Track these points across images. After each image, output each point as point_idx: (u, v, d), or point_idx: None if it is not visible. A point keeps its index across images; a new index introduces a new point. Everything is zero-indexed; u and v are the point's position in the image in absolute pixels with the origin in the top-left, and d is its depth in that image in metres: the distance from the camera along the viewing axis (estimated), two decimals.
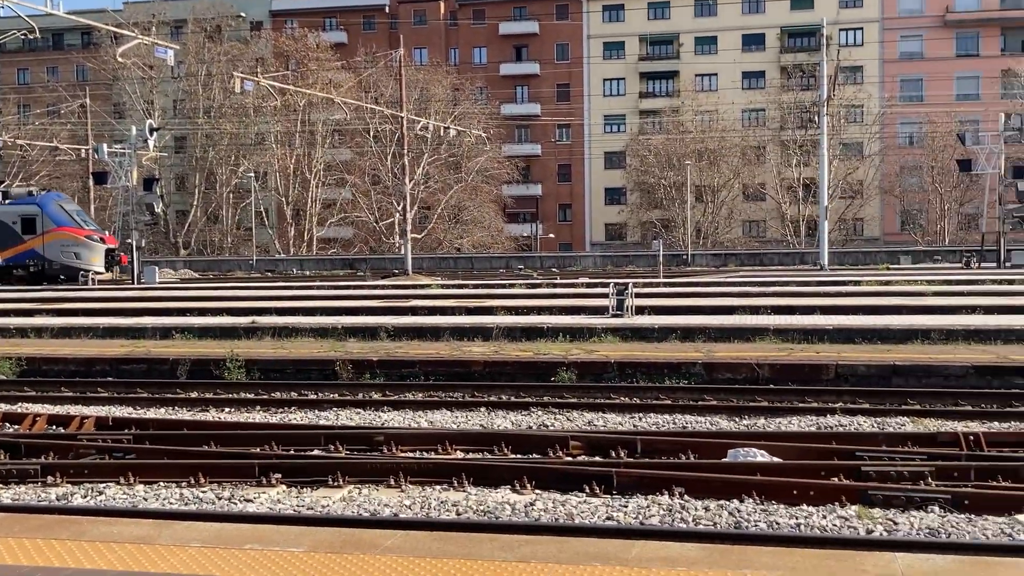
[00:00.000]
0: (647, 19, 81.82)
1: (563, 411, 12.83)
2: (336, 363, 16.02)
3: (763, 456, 9.34)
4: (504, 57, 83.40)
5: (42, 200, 43.97)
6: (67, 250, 42.80)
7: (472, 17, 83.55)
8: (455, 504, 8.37)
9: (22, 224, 42.92)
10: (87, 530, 6.31)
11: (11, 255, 42.94)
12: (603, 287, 25.11)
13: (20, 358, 17.34)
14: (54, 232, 42.70)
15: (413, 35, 79.50)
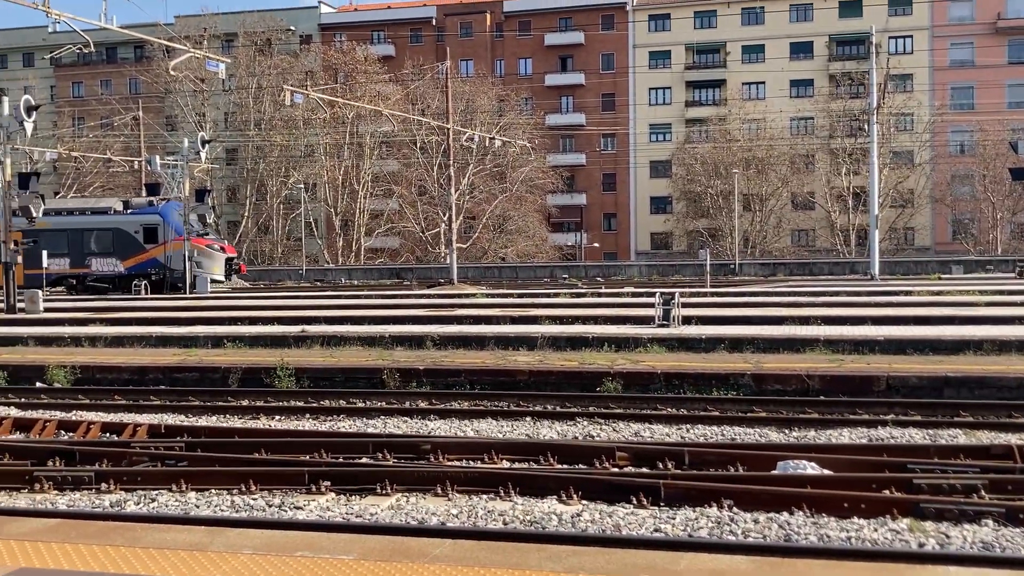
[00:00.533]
0: (693, 28, 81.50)
1: (609, 422, 12.80)
2: (383, 371, 16.14)
3: (813, 468, 9.25)
4: (549, 68, 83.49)
5: (164, 210, 44.36)
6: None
7: (518, 28, 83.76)
8: (502, 514, 8.39)
9: (144, 233, 43.45)
10: (141, 536, 6.41)
11: (133, 264, 43.54)
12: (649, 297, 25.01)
13: (75, 366, 17.66)
14: (176, 241, 43.10)
15: (459, 47, 79.85)
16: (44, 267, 38.86)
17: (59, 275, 43.85)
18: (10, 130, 29.60)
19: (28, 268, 42.48)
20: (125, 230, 43.13)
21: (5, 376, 17.77)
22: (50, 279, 43.41)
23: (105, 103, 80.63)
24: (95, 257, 43.56)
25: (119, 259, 43.74)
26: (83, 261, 43.74)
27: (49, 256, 42.43)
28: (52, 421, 13.25)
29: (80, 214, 44.50)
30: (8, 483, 9.85)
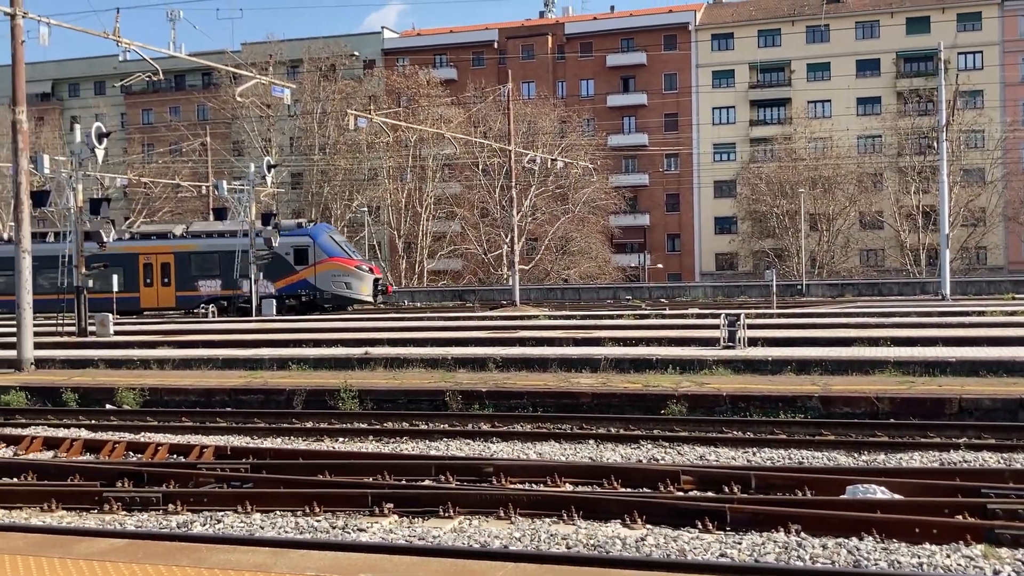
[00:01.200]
0: (757, 47, 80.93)
1: (673, 445, 12.67)
2: (446, 394, 16.16)
3: (883, 493, 9.06)
4: (611, 88, 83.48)
5: (314, 231, 45.06)
6: (338, 280, 43.78)
7: (579, 50, 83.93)
8: (565, 537, 8.32)
9: (295, 255, 43.89)
10: (206, 557, 6.47)
11: (284, 285, 43.97)
12: (714, 318, 24.77)
13: (143, 389, 17.96)
14: (326, 262, 43.70)
15: (521, 69, 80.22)
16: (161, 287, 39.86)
17: (211, 296, 44.49)
18: (82, 157, 30.32)
19: (181, 290, 44.48)
20: (276, 252, 43.24)
21: (76, 398, 18.13)
22: (201, 300, 44.32)
23: (174, 129, 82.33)
24: (247, 279, 43.77)
25: (270, 280, 43.98)
26: (234, 283, 44.10)
27: (201, 278, 44.00)
28: (121, 442, 13.47)
29: (231, 236, 44.84)
30: (78, 503, 10.02)
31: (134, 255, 44.83)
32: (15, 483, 11.00)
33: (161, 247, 45.91)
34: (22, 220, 22.19)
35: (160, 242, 46.29)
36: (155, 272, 45.60)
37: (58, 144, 69.09)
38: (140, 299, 45.35)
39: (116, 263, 42.72)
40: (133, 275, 45.03)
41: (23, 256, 22.01)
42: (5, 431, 15.24)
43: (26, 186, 22.65)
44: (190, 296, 44.63)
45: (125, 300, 43.36)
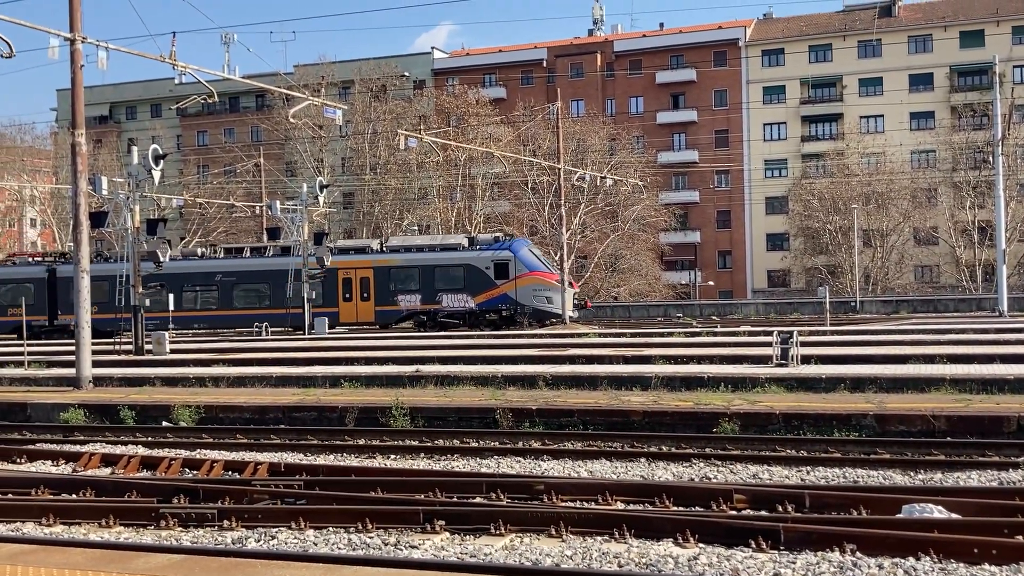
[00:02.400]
0: (808, 62, 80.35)
1: (726, 463, 12.58)
2: (496, 411, 16.19)
3: (940, 512, 8.92)
4: (661, 105, 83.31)
5: (514, 245, 44.75)
6: (539, 294, 43.50)
7: (628, 67, 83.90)
8: (616, 556, 8.29)
9: (495, 269, 43.62)
10: (261, 573, 6.54)
11: (484, 299, 43.71)
12: (766, 335, 24.57)
13: (199, 406, 18.20)
14: (526, 276, 43.42)
15: (570, 87, 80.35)
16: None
17: (410, 311, 44.67)
18: (139, 178, 30.88)
19: (380, 305, 44.59)
20: (476, 266, 43.47)
21: (133, 415, 18.42)
22: (400, 315, 44.67)
23: (228, 151, 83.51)
24: (446, 293, 44.02)
25: (470, 295, 43.90)
26: (434, 297, 44.20)
27: (400, 293, 44.16)
28: (177, 459, 13.66)
29: (429, 250, 45.33)
30: (135, 519, 10.18)
31: (333, 270, 44.50)
32: (74, 499, 11.20)
33: (361, 262, 45.65)
34: (81, 241, 22.63)
35: (359, 256, 46.09)
36: (354, 287, 45.43)
37: (116, 166, 70.49)
38: (339, 314, 45.33)
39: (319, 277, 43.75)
40: (332, 290, 45.09)
41: (82, 276, 22.43)
42: (64, 448, 15.53)
43: (85, 207, 23.11)
44: (389, 311, 44.55)
45: (323, 315, 43.62)
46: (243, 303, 46.34)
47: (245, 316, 45.17)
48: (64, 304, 45.87)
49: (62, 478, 12.36)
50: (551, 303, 43.44)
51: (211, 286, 46.58)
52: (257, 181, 71.37)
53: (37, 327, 45.91)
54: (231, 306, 46.35)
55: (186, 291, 45.05)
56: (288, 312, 43.90)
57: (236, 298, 46.44)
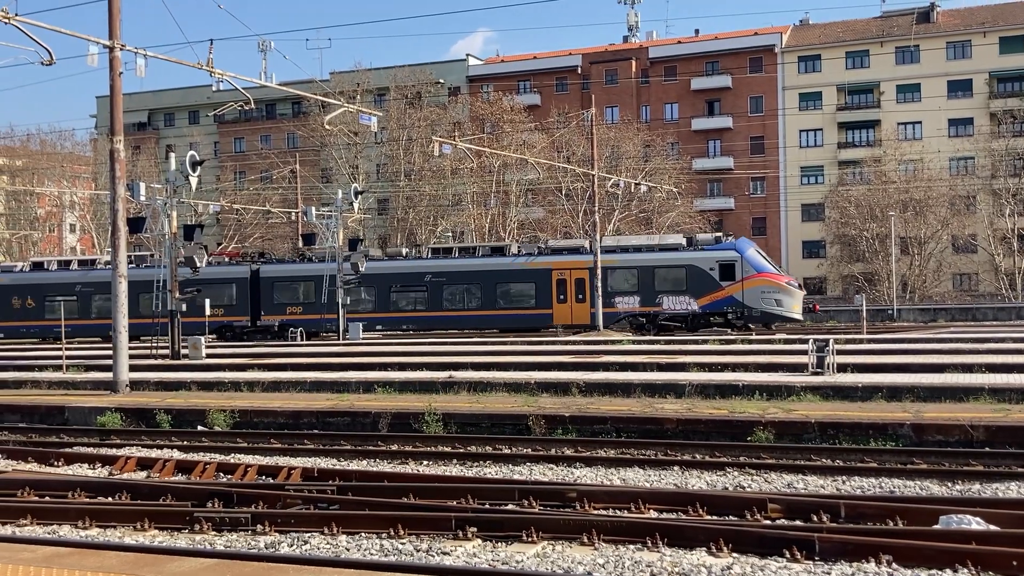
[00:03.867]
0: (845, 68, 79.75)
1: (760, 472, 12.48)
2: (529, 418, 16.16)
3: (979, 524, 8.79)
4: (696, 112, 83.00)
5: (739, 245, 43.26)
6: (768, 297, 41.65)
7: (663, 74, 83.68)
8: (649, 565, 8.24)
9: (720, 270, 41.93)
10: None
11: (708, 302, 42.12)
12: (802, 343, 24.37)
13: (234, 411, 18.32)
14: (754, 278, 41.65)
15: (604, 94, 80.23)
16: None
17: (628, 313, 43.49)
18: (177, 184, 31.16)
19: (608, 306, 43.22)
20: (700, 267, 41.86)
21: (169, 420, 18.58)
22: (618, 317, 43.60)
23: (264, 157, 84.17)
24: (667, 295, 42.64)
25: (692, 297, 42.38)
26: (654, 299, 42.87)
27: (616, 294, 43.14)
28: (212, 463, 13.75)
29: (647, 250, 44.00)
30: (170, 523, 10.25)
31: (547, 270, 44.01)
32: (110, 502, 11.31)
33: (576, 262, 44.29)
34: (119, 246, 22.87)
35: (574, 257, 44.69)
36: (569, 288, 44.07)
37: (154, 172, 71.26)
38: (553, 315, 44.06)
39: (528, 279, 43.84)
40: (546, 291, 44.10)
41: (119, 281, 22.66)
42: (101, 451, 15.70)
43: (123, 213, 23.36)
44: (606, 313, 43.03)
45: (536, 316, 43.47)
46: (453, 304, 45.84)
47: (455, 318, 45.32)
48: (268, 305, 46.07)
49: (98, 481, 12.48)
50: (780, 306, 41.65)
51: (420, 287, 45.90)
52: (293, 187, 71.86)
53: (239, 328, 45.89)
54: (440, 307, 45.75)
55: (394, 292, 45.46)
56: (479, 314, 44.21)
57: (446, 299, 45.74)
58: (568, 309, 43.93)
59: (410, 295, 46.15)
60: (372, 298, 45.79)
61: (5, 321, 48.70)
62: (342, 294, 40.66)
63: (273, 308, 46.28)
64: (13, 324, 48.71)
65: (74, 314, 45.57)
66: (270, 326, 45.96)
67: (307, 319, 45.07)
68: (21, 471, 13.93)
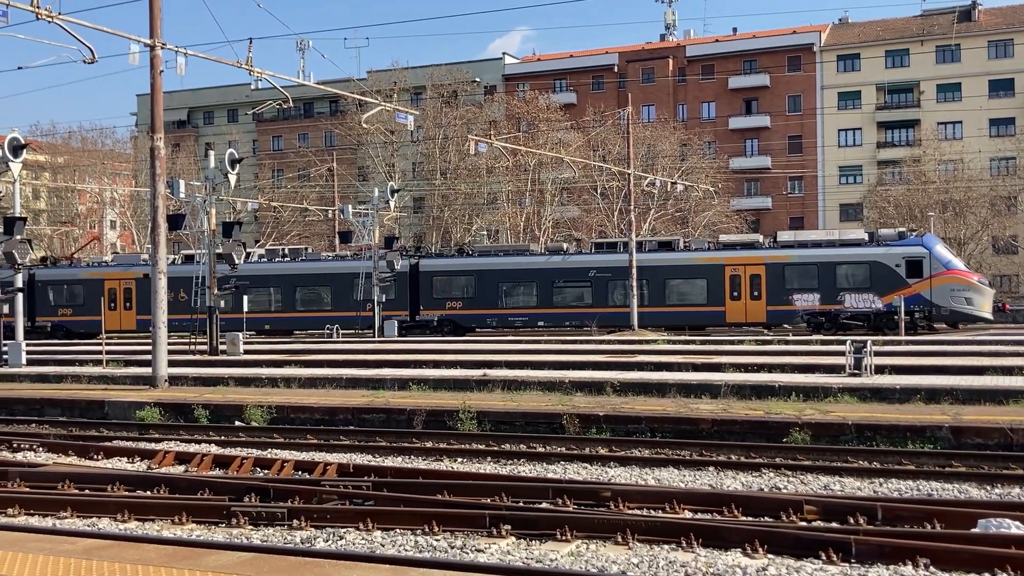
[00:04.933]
0: (885, 68, 78.99)
1: (796, 474, 12.41)
2: (563, 417, 16.17)
3: (1018, 528, 8.69)
4: (733, 111, 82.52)
5: (927, 241, 41.64)
6: (957, 295, 40.11)
7: (701, 73, 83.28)
8: (683, 565, 8.22)
9: (906, 267, 40.29)
10: (329, 573, 6.61)
11: (890, 300, 40.20)
12: (839, 344, 24.18)
13: (271, 407, 18.47)
14: (943, 275, 40.00)
15: (641, 92, 79.97)
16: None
17: (807, 312, 41.81)
18: (216, 182, 31.45)
19: (773, 304, 42.04)
20: (884, 263, 40.31)
21: (207, 415, 18.76)
22: (796, 315, 42.11)
23: (302, 155, 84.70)
24: (848, 293, 41.13)
25: (876, 295, 40.73)
26: (834, 297, 41.28)
27: (796, 291, 41.74)
28: (249, 458, 13.88)
29: (828, 246, 42.35)
30: (208, 517, 10.36)
31: (718, 265, 42.91)
32: (148, 496, 11.44)
33: (750, 257, 42.89)
34: (159, 242, 23.12)
35: (748, 252, 43.26)
36: (743, 284, 42.79)
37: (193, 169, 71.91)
38: (725, 313, 42.88)
39: (699, 275, 42.94)
40: (718, 287, 42.87)
41: (159, 277, 22.91)
42: (140, 445, 15.88)
43: (163, 210, 23.60)
44: (783, 311, 41.97)
45: (706, 314, 42.58)
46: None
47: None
48: (427, 299, 45.94)
49: (137, 475, 12.63)
50: (971, 304, 40.06)
51: (583, 283, 45.39)
52: (330, 185, 72.26)
53: (399, 323, 45.21)
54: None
55: (556, 287, 44.92)
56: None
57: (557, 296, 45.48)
58: (742, 306, 42.49)
59: (572, 291, 45.20)
60: (535, 294, 45.22)
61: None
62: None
63: (431, 303, 46.04)
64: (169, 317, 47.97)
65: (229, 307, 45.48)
66: (429, 321, 45.59)
67: (466, 314, 44.96)
68: (61, 464, 14.12)
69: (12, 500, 11.11)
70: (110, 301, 49.01)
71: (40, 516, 10.76)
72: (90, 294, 49.08)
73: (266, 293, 47.51)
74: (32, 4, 20.70)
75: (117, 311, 49.34)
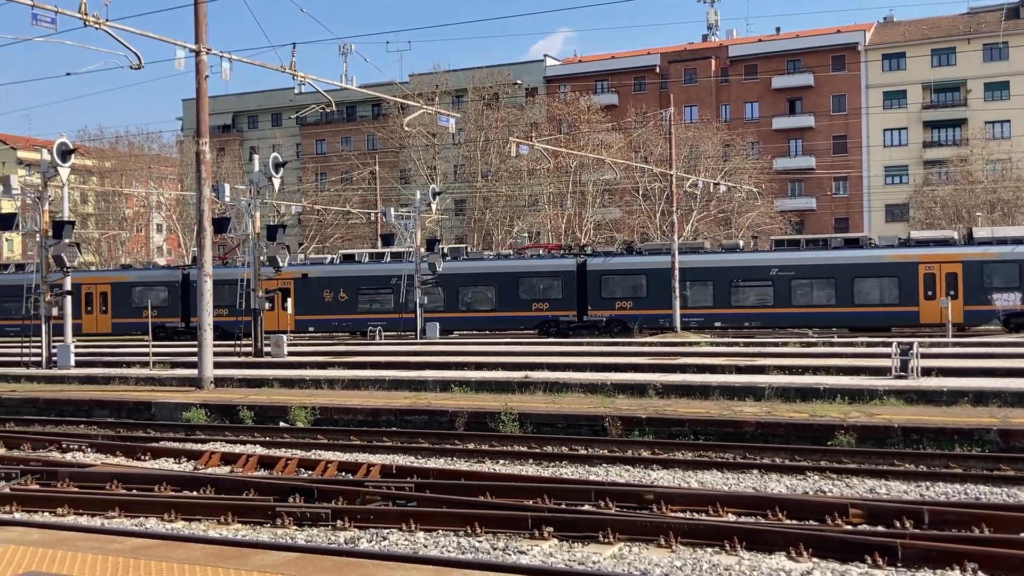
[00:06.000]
0: (931, 66, 78.00)
1: (842, 477, 12.30)
2: (605, 419, 16.13)
3: None
4: (777, 111, 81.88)
5: None
6: None
7: (744, 73, 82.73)
8: (727, 568, 8.18)
9: None
10: (373, 573, 6.65)
11: None
12: (885, 346, 23.90)
13: (314, 408, 18.61)
14: None
15: (683, 93, 79.62)
16: None
17: (1008, 312, 40.04)
18: (260, 185, 31.74)
19: (971, 303, 40.26)
20: None
21: (252, 416, 18.94)
22: (995, 315, 40.48)
23: (345, 159, 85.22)
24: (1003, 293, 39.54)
25: None
26: None
27: (993, 291, 40.24)
28: (293, 459, 13.99)
29: None
30: (253, 517, 10.46)
31: (911, 263, 40.91)
32: (195, 496, 11.57)
33: (946, 255, 41.00)
34: (204, 245, 23.38)
35: (943, 249, 41.38)
36: (938, 283, 40.77)
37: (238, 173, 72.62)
38: (919, 314, 40.76)
39: (888, 273, 41.07)
40: (911, 286, 41.02)
41: (204, 280, 23.16)
42: (186, 446, 16.06)
43: (208, 213, 23.87)
44: (980, 311, 40.14)
45: (896, 315, 40.90)
46: None
47: None
48: (595, 299, 44.61)
49: (184, 475, 12.78)
50: None
51: (764, 281, 43.70)
52: (372, 188, 72.62)
53: (565, 323, 44.64)
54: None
55: (734, 287, 43.46)
56: None
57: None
58: (936, 306, 40.31)
59: (753, 290, 43.60)
60: (711, 294, 43.67)
61: (315, 315, 47.22)
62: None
63: (601, 303, 44.91)
64: (324, 317, 47.41)
65: (388, 306, 45.56)
66: (597, 321, 44.66)
67: (638, 314, 43.89)
68: (109, 464, 14.33)
69: (62, 500, 11.30)
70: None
71: (89, 515, 10.93)
72: None
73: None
74: (80, 11, 21.03)
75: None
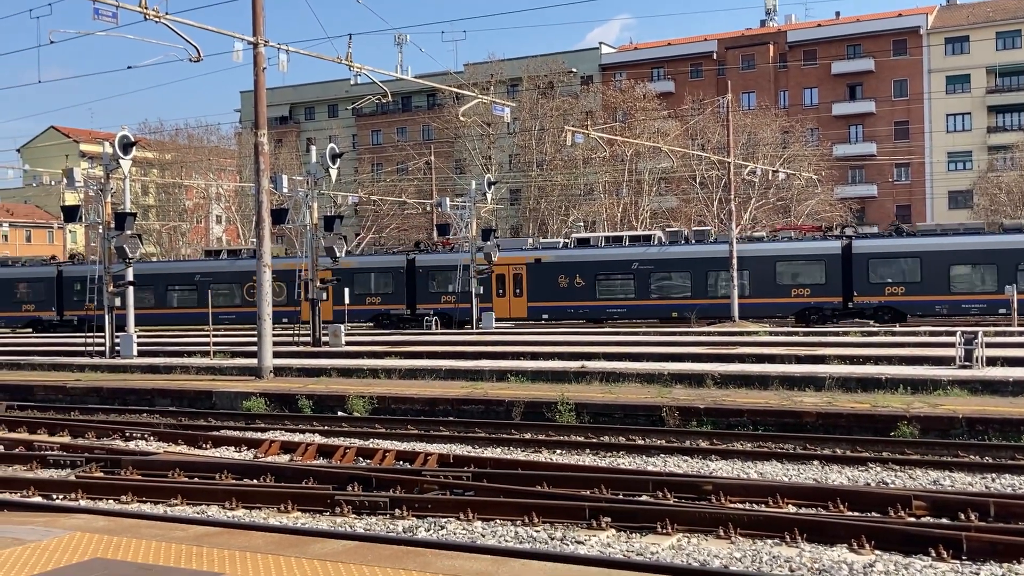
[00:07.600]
0: (995, 50, 76.29)
1: (904, 468, 12.10)
2: (663, 409, 16.04)
3: None
4: (837, 97, 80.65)
5: None
6: None
7: (803, 58, 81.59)
8: (787, 560, 8.09)
9: None
10: (431, 562, 6.68)
11: None
12: (948, 335, 23.48)
13: (372, 397, 18.75)
14: None
15: (741, 80, 78.77)
16: None
17: None
18: (317, 176, 31.98)
19: None
20: None
21: (311, 405, 19.13)
22: None
23: (400, 149, 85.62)
24: None
25: None
26: None
27: None
28: (351, 448, 14.10)
29: None
30: (312, 505, 10.56)
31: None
32: (255, 484, 11.71)
33: None
34: (263, 237, 23.63)
35: None
36: None
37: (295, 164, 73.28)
38: None
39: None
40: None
41: (264, 270, 23.41)
42: (246, 435, 16.27)
43: (267, 204, 24.10)
44: None
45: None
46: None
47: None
48: (862, 285, 42.41)
49: (244, 463, 12.94)
50: None
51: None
52: (428, 178, 72.91)
53: (832, 311, 42.85)
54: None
55: None
56: None
57: None
58: None
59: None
60: (994, 279, 41.04)
61: (549, 301, 46.36)
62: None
63: (869, 288, 42.09)
64: (558, 304, 46.30)
65: (631, 295, 45.33)
66: (863, 307, 42.17)
67: (910, 300, 41.34)
68: (172, 453, 14.56)
69: (126, 487, 11.50)
70: None
71: (152, 503, 11.12)
72: None
73: None
74: (141, 5, 21.32)
75: None
